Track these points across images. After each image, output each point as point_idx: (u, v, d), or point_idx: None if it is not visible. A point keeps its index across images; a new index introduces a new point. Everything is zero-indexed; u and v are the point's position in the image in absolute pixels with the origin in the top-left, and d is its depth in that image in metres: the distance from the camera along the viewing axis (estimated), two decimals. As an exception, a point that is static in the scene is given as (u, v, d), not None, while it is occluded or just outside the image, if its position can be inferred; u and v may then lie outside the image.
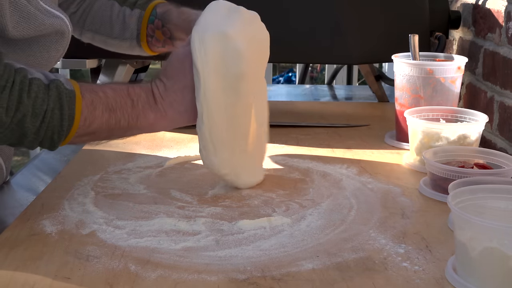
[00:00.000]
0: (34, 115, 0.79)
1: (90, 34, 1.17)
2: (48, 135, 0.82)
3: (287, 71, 4.98)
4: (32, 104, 0.79)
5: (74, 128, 0.83)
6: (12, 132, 0.79)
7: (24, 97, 0.78)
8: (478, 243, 0.68)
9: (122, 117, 0.86)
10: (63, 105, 0.81)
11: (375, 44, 1.42)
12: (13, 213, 0.94)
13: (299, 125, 1.37)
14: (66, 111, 0.81)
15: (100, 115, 0.84)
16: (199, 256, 0.78)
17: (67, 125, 0.82)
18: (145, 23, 1.13)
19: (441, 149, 1.03)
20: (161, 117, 0.90)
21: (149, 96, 0.89)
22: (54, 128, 0.81)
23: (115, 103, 0.86)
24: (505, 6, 1.24)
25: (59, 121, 0.81)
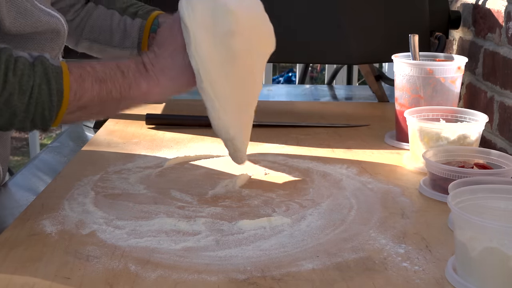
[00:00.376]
0: (21, 92, 0.79)
1: (87, 43, 1.17)
2: (38, 112, 0.81)
3: (287, 71, 4.98)
4: (18, 81, 0.78)
5: (64, 103, 0.82)
6: (1, 113, 0.79)
7: (10, 75, 0.78)
8: (478, 243, 0.68)
9: (113, 87, 0.85)
10: (50, 79, 0.80)
11: (375, 44, 1.42)
12: (13, 213, 0.94)
13: (299, 125, 1.37)
14: (53, 85, 0.81)
15: (90, 87, 0.83)
16: (199, 256, 0.78)
17: (56, 100, 0.81)
18: (147, 32, 1.13)
19: (441, 149, 1.03)
20: (154, 85, 0.88)
21: (139, 65, 0.88)
22: (44, 104, 0.81)
23: (105, 75, 0.85)
24: (505, 6, 1.24)
25: (47, 96, 0.80)
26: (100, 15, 1.15)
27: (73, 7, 1.16)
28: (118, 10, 1.15)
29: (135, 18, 1.14)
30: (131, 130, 1.33)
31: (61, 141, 1.34)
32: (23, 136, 4.16)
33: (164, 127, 1.34)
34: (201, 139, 1.27)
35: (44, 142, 4.39)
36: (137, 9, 1.16)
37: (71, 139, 1.36)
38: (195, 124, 1.34)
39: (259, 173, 1.07)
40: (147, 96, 0.89)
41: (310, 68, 4.05)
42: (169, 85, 0.90)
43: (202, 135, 1.28)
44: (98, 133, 1.31)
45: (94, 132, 1.37)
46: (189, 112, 1.39)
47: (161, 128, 1.33)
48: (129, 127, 1.35)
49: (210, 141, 1.25)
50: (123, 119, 1.40)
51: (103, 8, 1.16)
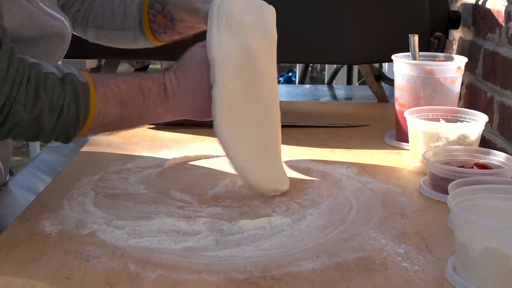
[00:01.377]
0: (51, 110, 0.80)
1: (93, 31, 1.16)
2: (64, 129, 0.82)
3: (287, 71, 4.99)
4: (49, 99, 0.79)
5: (89, 121, 0.83)
6: (29, 127, 0.80)
7: (41, 92, 0.79)
8: (478, 243, 0.68)
9: (133, 110, 0.87)
10: (79, 99, 0.82)
11: (375, 44, 1.42)
12: (13, 213, 0.94)
13: (299, 125, 1.37)
14: (81, 105, 0.82)
15: (113, 108, 0.85)
16: (199, 256, 0.78)
17: (82, 119, 0.83)
18: (146, 8, 1.12)
19: (441, 149, 1.03)
20: (169, 111, 0.91)
21: (160, 89, 0.89)
22: (71, 122, 0.82)
23: (127, 97, 0.86)
24: (505, 6, 1.24)
25: (75, 115, 0.82)
26: (103, 0, 1.15)
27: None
28: None
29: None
30: (131, 130, 1.32)
31: (61, 141, 1.34)
32: (23, 136, 4.16)
33: (164, 127, 1.34)
34: (201, 139, 1.27)
35: (44, 142, 4.38)
36: None
37: (71, 139, 1.36)
38: (195, 124, 1.34)
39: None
40: (161, 119, 0.92)
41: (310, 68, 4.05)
42: (183, 114, 0.93)
43: (202, 135, 1.28)
44: (98, 133, 1.31)
45: (94, 132, 1.37)
46: (189, 112, 1.39)
47: (161, 128, 1.33)
48: (129, 127, 1.34)
49: (210, 141, 1.25)
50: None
51: None
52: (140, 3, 1.13)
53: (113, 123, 0.87)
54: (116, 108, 0.85)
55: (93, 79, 0.85)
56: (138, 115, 0.88)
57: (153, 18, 1.12)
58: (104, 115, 0.84)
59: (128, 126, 0.91)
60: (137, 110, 0.87)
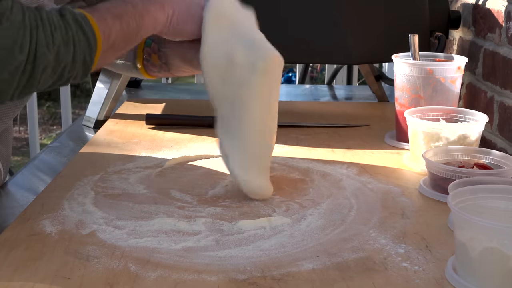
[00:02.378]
0: (65, 44, 0.80)
1: None
2: (81, 59, 0.83)
3: (287, 71, 4.99)
4: (60, 34, 0.80)
5: (99, 44, 0.84)
6: (53, 69, 0.80)
7: (53, 30, 0.79)
8: (478, 243, 0.68)
9: (129, 19, 0.88)
10: (82, 25, 0.82)
11: (375, 44, 1.42)
12: (13, 213, 0.94)
13: (299, 125, 1.37)
14: (87, 29, 0.82)
15: (112, 23, 0.86)
16: (199, 256, 0.78)
17: (93, 43, 0.83)
18: (142, 46, 1.11)
19: (441, 149, 1.03)
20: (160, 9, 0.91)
21: None
22: (85, 49, 0.82)
23: (117, 10, 0.87)
24: (505, 6, 1.24)
25: (85, 41, 0.82)
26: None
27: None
28: None
29: None
30: (131, 130, 1.33)
31: (61, 141, 1.34)
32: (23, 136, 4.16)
33: (164, 127, 1.34)
34: (201, 139, 1.27)
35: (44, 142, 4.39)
36: None
37: (71, 139, 1.36)
38: (195, 124, 1.34)
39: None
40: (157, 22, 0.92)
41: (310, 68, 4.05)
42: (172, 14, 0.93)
43: (202, 135, 1.28)
44: (98, 133, 1.31)
45: (94, 132, 1.37)
46: (189, 112, 1.39)
47: (161, 128, 1.33)
48: (129, 127, 1.35)
49: (210, 141, 1.25)
50: (123, 119, 1.40)
51: None
52: None
53: (119, 39, 0.87)
54: (114, 23, 0.86)
55: (80, 7, 0.86)
56: (135, 23, 0.88)
57: (148, 57, 1.11)
58: (108, 33, 0.85)
59: (133, 39, 0.91)
60: (133, 18, 0.88)
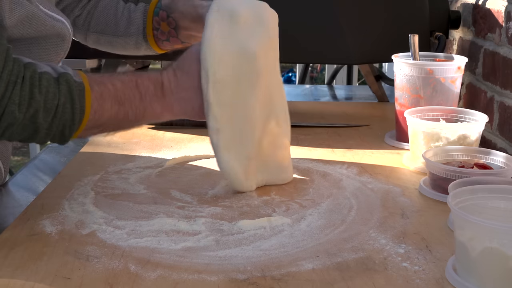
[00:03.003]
0: (46, 110, 0.79)
1: (95, 36, 1.16)
2: (59, 130, 0.82)
3: (287, 71, 4.98)
4: (44, 99, 0.79)
5: (84, 121, 0.83)
6: (24, 128, 0.79)
7: (36, 92, 0.78)
8: (478, 243, 0.68)
9: (130, 109, 0.86)
10: (74, 99, 0.81)
11: (375, 44, 1.42)
12: (13, 213, 0.94)
13: (299, 125, 1.37)
14: (77, 105, 0.81)
15: (109, 108, 0.84)
16: (199, 256, 0.78)
17: (78, 119, 0.82)
18: (151, 15, 1.12)
19: (441, 149, 1.03)
20: (167, 111, 0.90)
21: (157, 88, 0.89)
22: (66, 122, 0.81)
23: (124, 96, 0.86)
24: (505, 6, 1.24)
25: (70, 115, 0.81)
26: (105, 6, 1.15)
27: (80, 2, 1.15)
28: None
29: (138, 3, 1.14)
30: (131, 130, 1.32)
31: (61, 141, 1.34)
32: (23, 136, 4.15)
33: (164, 127, 1.34)
34: (201, 139, 1.26)
35: (44, 142, 4.38)
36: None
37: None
38: (195, 124, 1.34)
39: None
40: (158, 119, 0.92)
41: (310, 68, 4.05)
42: (181, 114, 0.92)
43: (202, 135, 1.28)
44: (98, 133, 1.31)
45: (94, 132, 1.37)
46: (189, 112, 1.39)
47: (161, 128, 1.33)
48: (129, 127, 1.34)
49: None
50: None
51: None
52: (145, 10, 1.13)
53: (110, 123, 0.86)
54: (112, 107, 0.85)
55: (89, 78, 0.84)
56: (134, 115, 0.87)
57: (157, 25, 1.12)
58: (100, 115, 0.84)
59: (125, 126, 0.90)
60: (134, 110, 0.87)
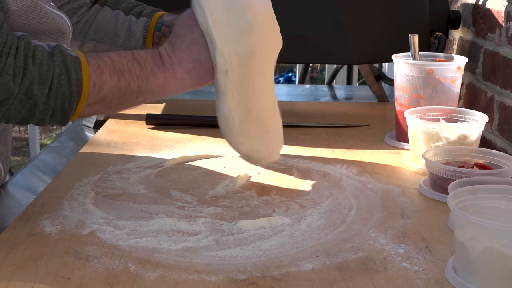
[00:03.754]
0: (41, 82, 0.77)
1: (92, 44, 1.16)
2: (58, 104, 0.80)
3: (287, 71, 4.98)
4: (38, 70, 0.77)
5: (84, 94, 0.80)
6: (21, 103, 0.78)
7: (30, 63, 0.77)
8: (478, 243, 0.68)
9: (131, 80, 0.84)
10: (69, 69, 0.79)
11: (375, 44, 1.42)
12: (13, 213, 0.94)
13: (299, 125, 1.37)
14: (73, 76, 0.79)
15: (109, 78, 0.82)
16: (199, 256, 0.78)
17: (76, 90, 0.80)
18: (152, 30, 1.12)
19: (441, 149, 1.03)
20: (170, 77, 0.88)
21: (156, 58, 0.87)
22: (64, 95, 0.79)
23: (122, 66, 0.84)
24: (505, 6, 1.24)
25: (67, 86, 0.79)
26: (105, 16, 1.15)
27: (79, 10, 1.16)
28: (123, 10, 1.15)
29: (140, 17, 1.14)
30: (131, 130, 1.33)
31: (61, 141, 1.34)
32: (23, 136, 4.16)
33: (164, 127, 1.34)
34: (201, 139, 1.27)
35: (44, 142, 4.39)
36: (142, 9, 1.16)
37: (71, 139, 1.36)
38: (195, 124, 1.34)
39: (259, 173, 1.07)
40: (164, 89, 0.88)
41: (310, 68, 4.05)
42: (186, 77, 0.89)
43: (202, 135, 1.28)
44: (98, 133, 1.31)
45: (94, 132, 1.37)
46: (189, 112, 1.39)
47: (161, 128, 1.33)
48: (129, 127, 1.35)
49: (210, 141, 1.25)
50: (123, 119, 1.40)
51: (109, 8, 1.16)
52: (146, 24, 1.13)
53: (112, 96, 0.83)
54: (112, 78, 0.82)
55: (84, 53, 0.83)
56: (137, 85, 0.85)
57: (158, 40, 1.13)
58: (99, 87, 0.81)
59: (130, 99, 0.87)
60: (135, 80, 0.84)
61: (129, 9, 1.16)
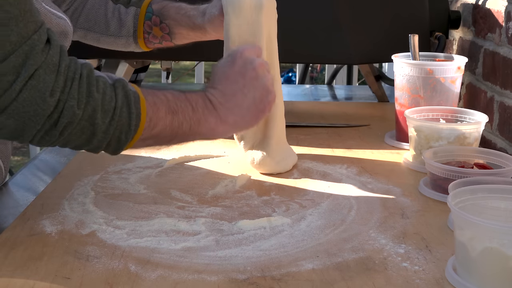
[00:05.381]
0: (104, 111, 0.78)
1: (82, 32, 1.16)
2: (116, 135, 0.80)
3: (287, 71, 4.98)
4: (101, 99, 0.77)
5: (140, 129, 0.81)
6: (83, 129, 0.77)
7: (93, 90, 0.77)
8: (478, 243, 0.68)
9: (184, 120, 0.85)
10: (131, 103, 0.80)
11: (375, 44, 1.42)
12: (13, 213, 0.94)
13: (299, 125, 1.37)
14: (133, 110, 0.80)
15: (164, 116, 0.83)
16: (199, 256, 0.78)
17: (134, 124, 0.80)
18: (142, 20, 1.13)
19: (441, 149, 1.03)
20: (221, 123, 0.88)
21: (206, 102, 0.88)
22: (123, 127, 0.80)
23: (176, 106, 0.85)
24: (505, 6, 1.24)
25: (127, 119, 0.80)
26: (94, 4, 1.16)
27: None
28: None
29: (129, 6, 1.14)
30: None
31: (61, 141, 1.34)
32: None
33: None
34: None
35: (44, 142, 4.37)
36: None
37: (71, 139, 1.36)
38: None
39: (259, 173, 1.07)
40: (215, 132, 0.90)
41: (310, 68, 4.05)
42: (237, 121, 0.91)
43: (202, 135, 1.28)
44: (98, 133, 1.31)
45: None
46: (189, 112, 1.39)
47: (161, 128, 1.33)
48: (129, 127, 1.34)
49: (210, 141, 1.24)
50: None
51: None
52: (136, 14, 1.14)
53: (165, 133, 0.84)
54: (166, 116, 0.83)
55: (141, 89, 0.83)
56: (189, 126, 0.86)
57: (148, 29, 1.14)
58: (155, 123, 0.82)
59: (180, 138, 0.88)
60: (188, 121, 0.85)
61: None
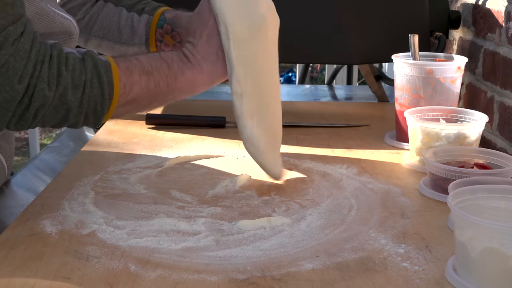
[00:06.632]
0: (75, 87, 0.80)
1: (97, 40, 1.18)
2: (91, 107, 0.82)
3: (287, 71, 4.98)
4: (71, 76, 0.80)
5: (115, 96, 0.83)
6: (56, 108, 0.80)
7: (63, 69, 0.79)
8: (478, 243, 0.68)
9: (160, 79, 0.87)
10: (100, 73, 0.82)
11: (375, 44, 1.42)
12: (13, 213, 0.94)
13: (299, 125, 1.37)
14: (104, 79, 0.82)
15: (138, 79, 0.85)
16: (199, 256, 0.78)
17: (107, 93, 0.82)
18: (154, 28, 1.14)
19: (441, 149, 1.03)
20: (198, 73, 0.90)
21: (181, 56, 0.90)
22: (96, 98, 0.82)
23: (151, 67, 0.86)
24: (505, 6, 1.24)
25: (99, 89, 0.82)
26: (109, 12, 1.16)
27: (83, 6, 1.17)
28: (126, 7, 1.17)
29: (142, 14, 1.15)
30: (131, 130, 1.33)
31: (61, 141, 1.34)
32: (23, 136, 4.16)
33: (164, 127, 1.34)
34: (201, 139, 1.27)
35: (44, 142, 4.39)
36: (144, 5, 1.17)
37: (71, 139, 1.36)
38: (195, 124, 1.34)
39: (259, 173, 1.07)
40: (193, 85, 0.91)
41: (310, 68, 4.05)
42: (212, 70, 0.92)
43: (202, 135, 1.28)
44: (98, 133, 1.31)
45: (94, 132, 1.37)
46: (189, 112, 1.39)
47: (161, 128, 1.33)
48: (129, 127, 1.35)
49: (210, 141, 1.25)
50: (123, 119, 1.40)
51: (112, 5, 1.17)
52: (148, 22, 1.15)
53: (142, 97, 0.86)
54: (141, 78, 0.85)
55: (113, 57, 0.85)
56: (166, 83, 0.87)
57: (160, 37, 1.15)
58: (130, 88, 0.84)
59: (160, 98, 0.90)
60: (164, 79, 0.87)
61: (132, 6, 1.17)
